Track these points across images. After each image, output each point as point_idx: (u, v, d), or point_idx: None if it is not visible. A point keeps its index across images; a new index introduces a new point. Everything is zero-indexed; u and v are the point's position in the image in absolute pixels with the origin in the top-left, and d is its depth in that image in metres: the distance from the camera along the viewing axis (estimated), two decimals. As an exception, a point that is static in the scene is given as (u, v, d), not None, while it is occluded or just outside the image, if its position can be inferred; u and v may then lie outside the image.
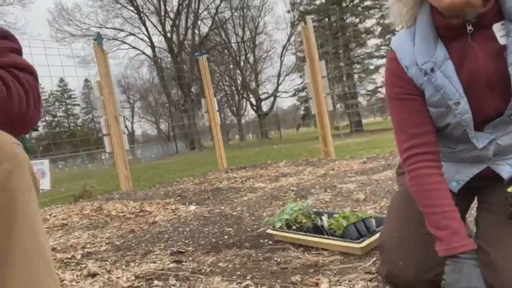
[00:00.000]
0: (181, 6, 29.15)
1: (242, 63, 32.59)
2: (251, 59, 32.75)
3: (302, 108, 28.86)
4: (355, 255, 1.58)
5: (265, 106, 32.99)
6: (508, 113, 1.05)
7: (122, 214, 3.31)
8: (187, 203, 3.54)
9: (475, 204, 1.30)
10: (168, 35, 29.14)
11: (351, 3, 24.49)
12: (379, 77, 23.73)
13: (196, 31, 30.49)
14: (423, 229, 1.15)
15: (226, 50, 32.25)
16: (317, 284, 1.32)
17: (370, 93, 24.57)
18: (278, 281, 1.38)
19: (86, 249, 2.29)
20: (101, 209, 3.52)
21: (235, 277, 1.50)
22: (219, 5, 30.19)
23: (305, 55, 6.52)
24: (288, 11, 29.72)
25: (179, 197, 3.92)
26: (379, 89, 23.80)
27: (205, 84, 7.15)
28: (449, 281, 1.03)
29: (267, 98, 32.82)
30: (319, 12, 23.56)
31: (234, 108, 34.69)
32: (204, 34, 30.53)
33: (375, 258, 1.52)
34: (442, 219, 1.09)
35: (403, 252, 1.19)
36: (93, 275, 1.74)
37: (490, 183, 1.19)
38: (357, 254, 1.57)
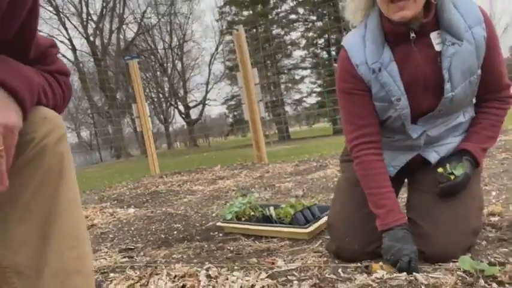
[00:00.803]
0: (105, 9, 28.00)
1: (170, 70, 32.10)
2: (179, 66, 32.42)
3: (231, 116, 29.15)
4: (302, 240, 1.72)
5: (193, 114, 32.77)
6: (438, 109, 1.27)
7: (55, 219, 3.16)
8: (125, 206, 3.47)
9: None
10: (91, 38, 27.79)
11: (277, 16, 25.44)
12: (304, 87, 24.87)
13: (122, 36, 29.49)
14: (365, 208, 1.33)
15: (152, 56, 31.56)
16: (273, 263, 1.43)
17: (296, 102, 25.58)
18: (236, 263, 1.47)
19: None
20: (30, 215, 3.32)
21: (192, 264, 1.57)
22: (145, 10, 29.56)
23: (238, 62, 6.66)
24: (217, 20, 29.99)
25: (116, 201, 3.83)
26: (305, 99, 24.91)
27: (136, 89, 7.00)
28: (386, 247, 1.21)
29: (195, 106, 32.62)
30: (247, 23, 24.14)
31: (162, 116, 33.97)
32: (130, 39, 29.60)
33: (321, 241, 1.68)
34: (381, 199, 1.28)
35: (349, 229, 1.36)
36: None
37: (419, 168, 1.41)
38: (305, 238, 1.72)
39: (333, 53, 21.40)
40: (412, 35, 1.23)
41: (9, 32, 0.65)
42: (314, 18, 23.98)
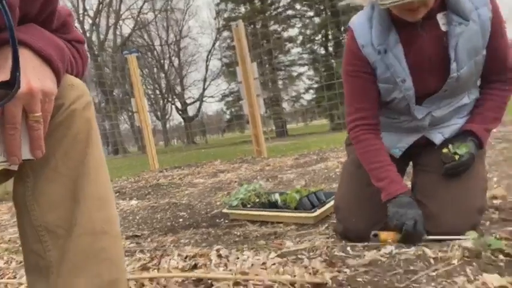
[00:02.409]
0: (101, 5, 27.91)
1: (167, 67, 32.02)
2: (176, 63, 32.33)
3: (228, 112, 29.13)
4: (308, 225, 1.75)
5: (190, 111, 32.73)
6: (443, 89, 1.30)
7: (58, 210, 3.17)
8: (127, 199, 3.49)
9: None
10: (87, 34, 27.68)
11: (275, 12, 25.39)
12: (302, 84, 24.86)
13: (118, 32, 29.42)
14: (371, 188, 1.36)
15: (149, 53, 31.46)
16: (281, 244, 1.46)
17: (294, 99, 25.57)
18: (245, 245, 1.50)
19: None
20: (33, 207, 3.32)
21: (201, 247, 1.59)
22: (142, 6, 29.45)
23: (237, 57, 6.67)
24: (214, 18, 29.89)
25: (118, 193, 3.84)
26: (302, 95, 24.92)
27: (134, 83, 7.00)
28: (391, 214, 1.25)
29: (193, 103, 32.57)
30: (244, 19, 24.02)
31: (159, 113, 33.91)
32: (126, 35, 29.51)
33: (327, 224, 1.71)
34: (382, 172, 1.32)
35: (355, 209, 1.40)
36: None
37: (423, 150, 1.44)
38: (311, 223, 1.75)
39: (330, 48, 21.44)
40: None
41: (35, 5, 0.67)
42: (311, 14, 23.95)
